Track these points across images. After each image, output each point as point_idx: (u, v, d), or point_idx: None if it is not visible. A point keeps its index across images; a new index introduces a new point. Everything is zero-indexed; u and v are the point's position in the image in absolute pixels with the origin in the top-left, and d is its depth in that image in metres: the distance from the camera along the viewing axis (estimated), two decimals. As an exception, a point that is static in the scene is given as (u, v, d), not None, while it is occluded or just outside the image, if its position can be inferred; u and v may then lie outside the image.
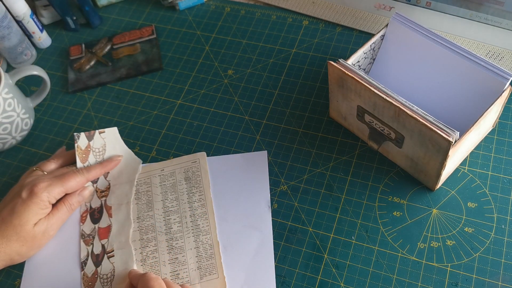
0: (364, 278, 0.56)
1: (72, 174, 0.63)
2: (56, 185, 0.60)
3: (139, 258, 0.60)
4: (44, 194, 0.59)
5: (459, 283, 0.54)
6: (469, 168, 0.62)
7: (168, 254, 0.60)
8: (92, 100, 0.77)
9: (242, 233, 0.61)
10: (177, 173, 0.66)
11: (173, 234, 0.61)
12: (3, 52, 0.79)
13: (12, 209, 0.58)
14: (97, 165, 0.65)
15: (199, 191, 0.64)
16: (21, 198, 0.59)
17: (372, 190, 0.62)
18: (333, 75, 0.60)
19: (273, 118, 0.70)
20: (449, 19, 0.71)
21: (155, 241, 0.61)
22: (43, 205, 0.59)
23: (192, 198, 0.63)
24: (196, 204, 0.63)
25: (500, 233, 0.57)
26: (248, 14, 0.82)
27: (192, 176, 0.65)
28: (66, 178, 0.62)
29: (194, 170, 0.65)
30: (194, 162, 0.66)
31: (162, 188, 0.65)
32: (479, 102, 0.58)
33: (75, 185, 0.62)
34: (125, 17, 0.85)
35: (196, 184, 0.64)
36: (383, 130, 0.59)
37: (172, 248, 0.60)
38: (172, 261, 0.59)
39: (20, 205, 0.58)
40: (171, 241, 0.61)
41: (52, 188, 0.60)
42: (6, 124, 0.68)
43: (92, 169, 0.65)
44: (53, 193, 0.60)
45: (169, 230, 0.62)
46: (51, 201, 0.60)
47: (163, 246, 0.61)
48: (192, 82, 0.76)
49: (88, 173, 0.64)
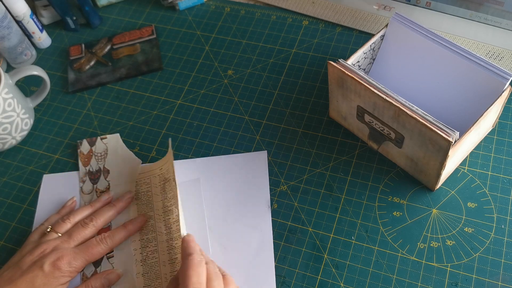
0: (364, 278, 0.56)
1: (97, 245, 0.59)
2: (79, 258, 0.57)
3: (139, 258, 0.60)
4: (67, 270, 0.56)
5: (459, 283, 0.54)
6: (469, 168, 0.62)
7: (168, 254, 0.60)
8: (92, 100, 0.77)
9: (242, 233, 0.60)
10: None
11: (172, 234, 0.61)
12: (3, 52, 0.79)
13: (31, 282, 0.55)
14: (121, 231, 0.61)
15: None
16: (43, 271, 0.55)
17: (372, 190, 0.62)
18: (333, 75, 0.60)
19: (273, 118, 0.70)
20: (449, 19, 0.71)
21: (155, 241, 0.61)
22: (63, 280, 0.56)
23: None
24: None
25: (500, 233, 0.57)
26: (248, 14, 0.82)
27: None
28: (90, 251, 0.58)
29: None
30: None
31: (162, 187, 0.65)
32: (479, 102, 0.58)
33: (99, 256, 0.60)
34: (125, 17, 0.86)
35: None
36: (383, 130, 0.59)
37: (172, 248, 0.60)
38: (172, 261, 0.59)
39: (41, 279, 0.55)
40: (171, 241, 0.61)
41: (75, 262, 0.57)
42: (6, 124, 0.68)
43: (116, 236, 0.61)
44: (76, 266, 0.57)
45: (168, 230, 0.61)
46: (72, 276, 0.57)
47: (163, 246, 0.61)
48: (192, 82, 0.76)
49: (112, 242, 0.60)
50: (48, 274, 0.55)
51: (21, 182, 0.70)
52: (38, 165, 0.71)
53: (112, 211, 0.63)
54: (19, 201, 0.68)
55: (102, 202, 0.64)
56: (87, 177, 0.68)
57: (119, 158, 0.68)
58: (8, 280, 0.55)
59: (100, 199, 0.65)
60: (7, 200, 0.68)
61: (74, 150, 0.71)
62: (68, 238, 0.59)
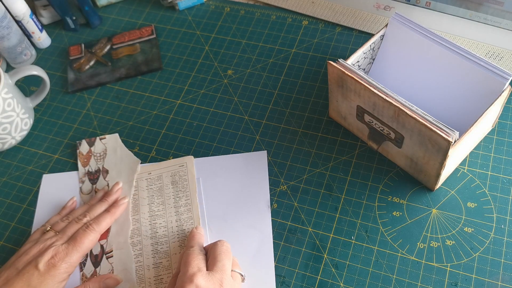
0: (363, 278, 0.56)
1: (84, 233, 0.59)
2: (72, 253, 0.57)
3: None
4: (63, 266, 0.56)
5: (458, 283, 0.54)
6: (469, 168, 0.62)
7: (153, 259, 0.60)
8: (91, 100, 0.77)
9: (242, 233, 0.60)
10: (164, 177, 0.65)
11: (158, 239, 0.61)
12: (2, 52, 0.78)
13: (27, 282, 0.54)
14: (106, 215, 0.62)
15: (186, 195, 0.63)
16: (38, 270, 0.55)
17: (371, 190, 0.62)
18: (332, 75, 0.60)
19: (272, 118, 0.70)
20: (448, 19, 0.71)
21: (140, 245, 0.61)
22: (61, 277, 0.56)
23: (178, 203, 0.63)
24: (182, 208, 0.63)
25: (500, 233, 0.57)
26: (247, 14, 0.82)
27: (179, 180, 0.65)
28: (79, 241, 0.58)
29: (181, 174, 0.65)
30: (181, 166, 0.66)
31: (149, 191, 0.65)
32: (478, 102, 0.58)
33: (91, 245, 0.60)
34: (125, 17, 0.85)
35: (183, 189, 0.64)
36: (383, 130, 0.59)
37: (157, 253, 0.60)
38: (157, 266, 0.59)
39: (37, 278, 0.55)
40: (156, 245, 0.61)
41: (70, 257, 0.57)
42: (5, 124, 0.68)
43: (102, 221, 0.61)
44: (72, 262, 0.57)
45: (154, 235, 0.61)
46: (69, 272, 0.57)
47: (148, 250, 0.60)
48: (191, 82, 0.76)
49: (99, 227, 0.60)
50: (43, 273, 0.55)
51: (21, 182, 0.70)
52: (37, 165, 0.71)
53: (104, 205, 0.63)
54: (18, 201, 0.68)
55: (97, 200, 0.65)
56: (86, 177, 0.68)
57: (118, 158, 0.68)
58: (4, 280, 0.55)
59: (96, 197, 0.65)
60: (7, 200, 0.68)
61: (73, 150, 0.71)
62: (63, 235, 0.59)
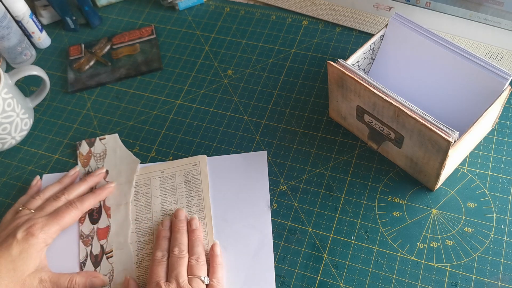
0: (363, 278, 0.56)
1: (66, 209, 0.60)
2: (52, 224, 0.58)
3: (135, 260, 0.60)
4: (40, 236, 0.56)
5: (458, 283, 0.54)
6: (469, 168, 0.62)
7: None
8: (91, 100, 0.77)
9: (242, 233, 0.60)
10: (177, 175, 0.65)
11: None
12: (2, 52, 0.78)
13: (8, 253, 0.55)
14: (90, 195, 0.63)
15: (198, 195, 0.64)
16: (16, 239, 0.55)
17: (371, 190, 0.62)
18: (332, 75, 0.60)
19: (272, 118, 0.70)
20: (448, 19, 0.71)
21: (152, 244, 0.61)
22: (39, 247, 0.56)
23: (190, 202, 0.63)
24: (194, 208, 0.63)
25: (500, 233, 0.57)
26: (247, 14, 0.82)
27: (191, 179, 0.65)
28: (60, 215, 0.59)
29: (194, 174, 0.65)
30: (195, 165, 0.66)
31: (162, 190, 0.65)
32: (478, 102, 0.58)
33: (71, 221, 0.60)
34: (125, 17, 0.85)
35: (196, 188, 0.64)
36: (383, 130, 0.59)
37: None
38: None
39: (16, 247, 0.55)
40: None
41: (48, 228, 0.57)
42: (5, 124, 0.68)
43: (85, 200, 0.62)
44: (50, 233, 0.58)
45: None
46: (47, 242, 0.58)
47: None
48: (191, 82, 0.76)
49: (82, 205, 0.61)
50: (22, 241, 0.55)
51: (21, 182, 0.70)
52: (37, 165, 0.71)
53: (83, 185, 0.64)
54: (18, 201, 0.68)
55: (70, 178, 0.66)
56: (87, 177, 0.68)
57: (118, 158, 0.68)
58: None
59: (67, 175, 0.66)
60: (7, 200, 0.68)
61: (73, 150, 0.71)
62: (41, 211, 0.60)
